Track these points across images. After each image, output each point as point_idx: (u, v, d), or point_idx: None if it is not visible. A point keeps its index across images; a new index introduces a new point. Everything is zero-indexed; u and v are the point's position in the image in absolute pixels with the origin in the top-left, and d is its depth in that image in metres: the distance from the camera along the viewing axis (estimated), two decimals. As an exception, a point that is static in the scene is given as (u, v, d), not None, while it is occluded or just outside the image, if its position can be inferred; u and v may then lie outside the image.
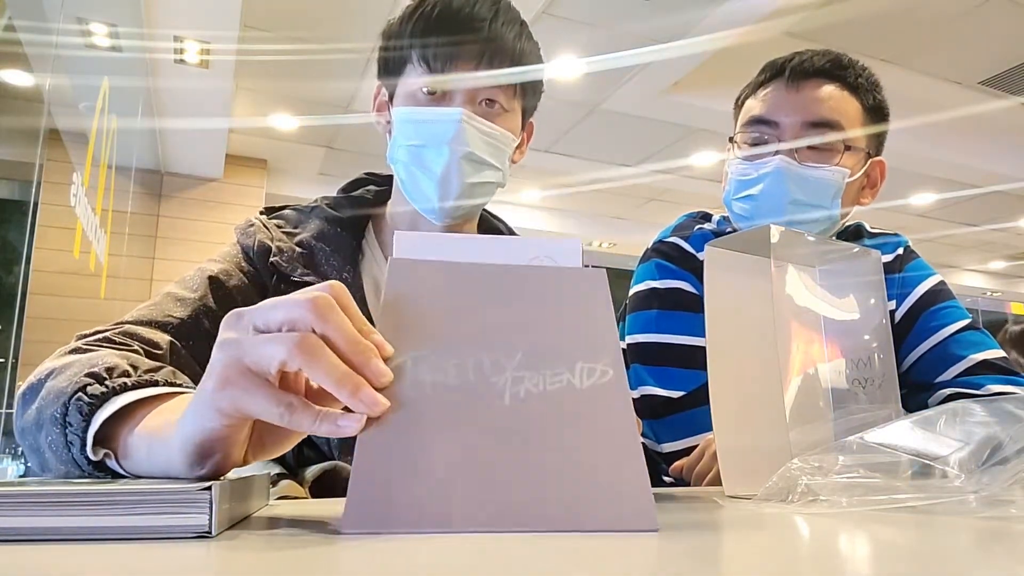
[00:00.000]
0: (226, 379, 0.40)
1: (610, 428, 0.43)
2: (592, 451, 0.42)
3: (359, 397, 0.40)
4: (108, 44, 3.76)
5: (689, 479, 0.87)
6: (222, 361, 0.41)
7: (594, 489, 0.41)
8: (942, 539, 0.39)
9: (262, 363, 0.40)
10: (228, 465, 0.45)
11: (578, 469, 0.41)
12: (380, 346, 0.42)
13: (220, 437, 0.42)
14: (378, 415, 0.40)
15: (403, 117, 0.87)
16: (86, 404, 0.51)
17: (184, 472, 0.44)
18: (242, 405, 0.40)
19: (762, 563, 0.33)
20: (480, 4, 0.85)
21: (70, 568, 0.30)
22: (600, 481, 0.41)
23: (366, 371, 0.41)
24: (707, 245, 0.71)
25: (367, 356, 0.41)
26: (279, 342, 0.40)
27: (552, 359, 0.44)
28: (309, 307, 0.41)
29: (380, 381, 0.41)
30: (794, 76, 1.01)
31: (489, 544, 0.35)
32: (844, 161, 0.99)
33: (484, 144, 0.86)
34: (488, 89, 0.86)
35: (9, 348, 4.89)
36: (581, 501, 0.40)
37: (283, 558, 0.32)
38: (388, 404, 0.41)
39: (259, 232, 0.87)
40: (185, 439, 0.43)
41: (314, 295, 0.41)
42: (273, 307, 0.42)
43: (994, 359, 0.99)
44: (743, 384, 0.67)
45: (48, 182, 5.05)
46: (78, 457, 0.51)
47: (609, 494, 0.41)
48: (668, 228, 1.16)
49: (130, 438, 0.50)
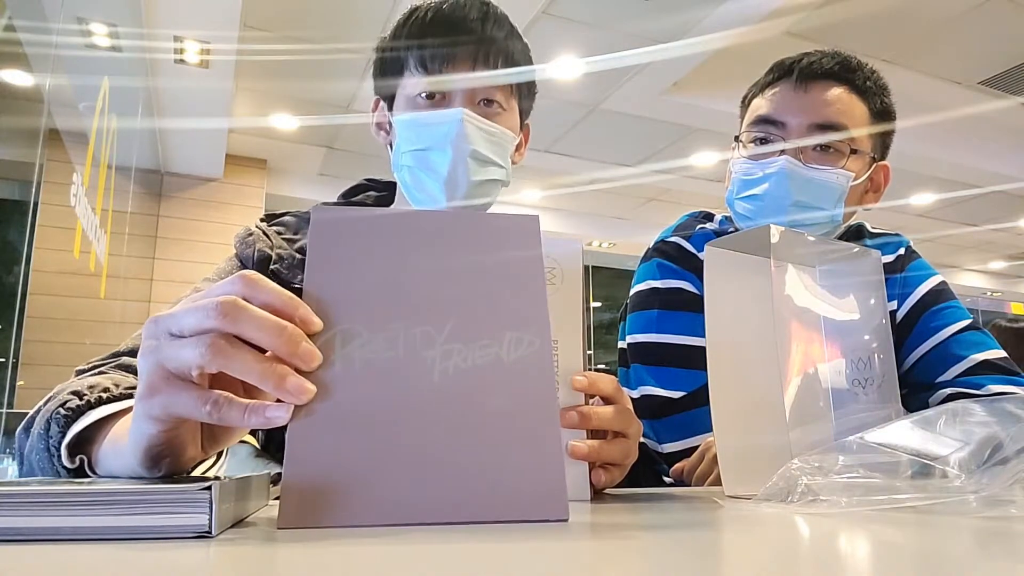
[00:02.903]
0: (152, 386, 0.42)
1: (530, 407, 0.43)
2: (512, 436, 0.42)
3: (284, 388, 0.40)
4: (108, 44, 3.76)
5: (689, 481, 0.87)
6: (147, 369, 0.42)
7: (510, 477, 0.41)
8: (942, 539, 0.39)
9: (181, 368, 0.41)
10: (184, 462, 0.46)
11: (497, 456, 0.41)
12: (307, 322, 0.42)
13: (163, 441, 0.43)
14: (306, 402, 0.41)
15: (404, 123, 0.88)
16: (62, 417, 0.55)
17: (142, 473, 0.46)
18: (171, 409, 0.42)
19: (762, 563, 0.33)
20: (470, 7, 0.87)
21: (70, 568, 0.30)
22: (516, 469, 0.41)
23: (293, 359, 0.41)
24: (707, 245, 0.71)
25: (292, 344, 0.41)
26: (192, 347, 0.41)
27: (482, 328, 0.44)
28: (215, 312, 0.41)
29: (309, 366, 0.42)
30: (802, 77, 1.01)
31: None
32: (849, 164, 0.99)
33: (486, 142, 0.87)
34: (486, 89, 0.87)
35: (9, 348, 4.89)
36: (498, 490, 0.40)
37: (283, 558, 0.32)
38: (315, 390, 0.41)
39: (258, 241, 0.87)
40: (135, 446, 0.44)
41: (220, 300, 0.41)
42: (185, 312, 0.42)
43: (995, 359, 0.99)
44: (743, 384, 0.67)
45: (48, 182, 5.04)
46: (59, 467, 0.54)
47: (523, 482, 0.41)
48: (670, 228, 1.16)
49: (101, 447, 0.52)
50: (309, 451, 0.40)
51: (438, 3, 0.88)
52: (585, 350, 0.61)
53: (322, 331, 0.43)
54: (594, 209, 7.07)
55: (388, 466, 0.40)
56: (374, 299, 0.44)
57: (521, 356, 0.43)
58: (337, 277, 0.44)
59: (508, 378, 0.43)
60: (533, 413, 0.43)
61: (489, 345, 0.44)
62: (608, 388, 0.60)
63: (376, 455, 0.40)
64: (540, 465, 0.41)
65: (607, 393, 0.60)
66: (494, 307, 0.45)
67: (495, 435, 0.42)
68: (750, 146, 1.03)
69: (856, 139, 1.00)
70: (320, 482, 0.39)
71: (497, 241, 0.47)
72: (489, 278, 0.46)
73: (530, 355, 0.44)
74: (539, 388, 0.43)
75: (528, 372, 0.43)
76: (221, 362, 0.40)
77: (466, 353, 0.43)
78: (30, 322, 4.91)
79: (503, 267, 0.46)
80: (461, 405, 0.42)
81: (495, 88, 0.88)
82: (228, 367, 0.41)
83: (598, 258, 7.67)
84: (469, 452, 0.41)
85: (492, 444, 0.41)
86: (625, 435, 0.61)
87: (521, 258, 0.47)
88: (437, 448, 0.41)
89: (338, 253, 0.45)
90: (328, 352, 0.42)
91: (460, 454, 0.41)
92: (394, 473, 0.40)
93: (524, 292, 0.46)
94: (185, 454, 0.46)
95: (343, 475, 0.39)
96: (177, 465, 0.46)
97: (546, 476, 0.41)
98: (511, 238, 0.47)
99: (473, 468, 0.41)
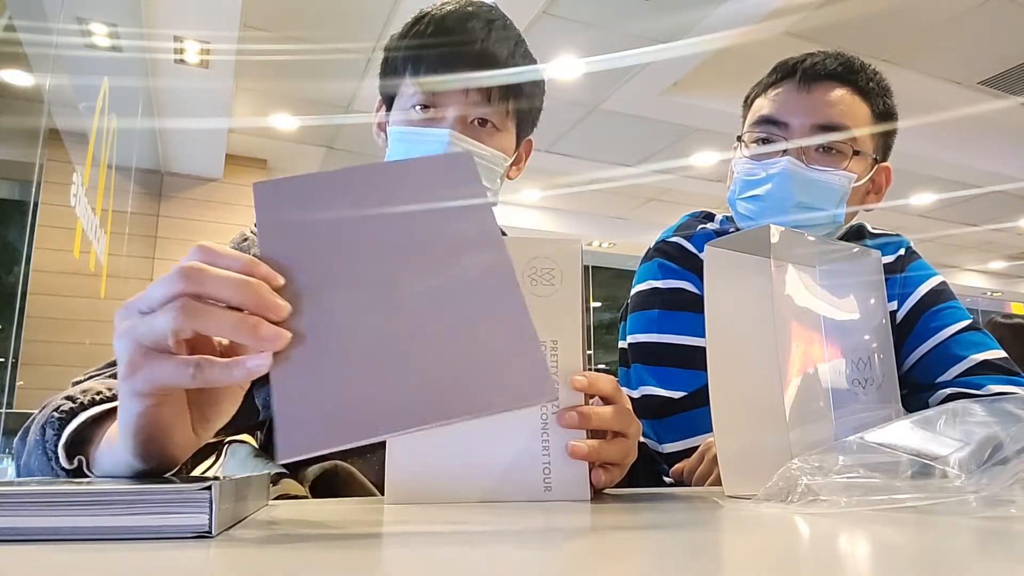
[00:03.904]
0: (133, 363, 0.42)
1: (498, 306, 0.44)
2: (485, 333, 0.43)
3: (260, 335, 0.41)
4: (108, 44, 3.76)
5: (689, 481, 0.87)
6: (125, 351, 0.43)
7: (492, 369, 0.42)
8: (942, 539, 0.39)
9: (158, 338, 0.42)
10: (174, 447, 0.46)
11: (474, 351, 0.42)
12: (269, 277, 0.43)
13: (151, 419, 0.44)
14: (283, 348, 0.41)
15: (395, 136, 0.89)
16: (57, 420, 0.55)
17: (138, 465, 0.46)
18: (154, 380, 0.42)
19: (762, 563, 0.33)
20: (474, 22, 0.86)
21: (70, 568, 0.30)
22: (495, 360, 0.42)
23: (262, 310, 0.42)
24: (707, 245, 0.70)
25: (258, 296, 0.42)
26: (163, 314, 0.41)
27: (441, 256, 0.45)
28: (179, 277, 0.42)
29: (279, 315, 0.42)
30: (806, 78, 1.01)
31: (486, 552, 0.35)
32: (851, 166, 0.99)
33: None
34: (480, 108, 0.86)
35: (9, 348, 4.89)
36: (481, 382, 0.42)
37: (283, 558, 0.32)
38: (290, 336, 0.41)
39: (253, 247, 0.87)
40: (124, 433, 0.45)
41: (183, 265, 0.43)
42: (151, 289, 0.43)
43: (995, 359, 0.99)
44: (743, 384, 0.67)
45: (48, 182, 5.04)
46: (57, 469, 0.54)
47: (504, 371, 0.42)
48: (671, 228, 1.16)
49: (98, 447, 0.53)
50: (295, 388, 0.40)
51: (446, 13, 0.86)
52: (585, 350, 0.61)
53: (285, 287, 0.43)
54: (594, 209, 7.07)
55: (372, 381, 0.41)
56: (331, 251, 0.45)
57: (482, 270, 0.45)
58: (290, 237, 0.45)
59: (473, 288, 0.44)
60: (502, 311, 0.44)
61: (450, 266, 0.45)
62: (608, 388, 0.60)
63: (359, 375, 0.41)
64: (518, 351, 0.42)
65: (607, 393, 0.60)
66: (448, 237, 0.46)
67: (469, 334, 0.43)
68: (752, 146, 1.03)
69: (859, 141, 1.00)
70: (311, 412, 0.40)
71: (437, 180, 0.48)
72: (436, 214, 0.47)
73: (490, 267, 0.45)
74: (504, 291, 0.44)
75: (491, 279, 0.45)
76: (194, 322, 0.41)
77: (429, 275, 0.44)
78: (30, 322, 4.91)
79: (448, 202, 0.48)
80: (432, 315, 0.43)
81: (489, 108, 0.86)
82: (201, 326, 0.41)
83: (598, 258, 7.67)
84: (448, 353, 0.42)
85: (468, 342, 0.43)
86: (625, 435, 0.61)
87: (464, 191, 0.48)
88: (416, 356, 0.42)
89: (286, 217, 0.46)
90: (295, 303, 0.43)
91: (440, 356, 0.42)
92: (379, 386, 0.41)
93: (473, 221, 0.47)
94: (175, 434, 0.46)
95: (331, 401, 0.40)
96: (168, 449, 0.46)
97: (524, 360, 0.42)
98: (450, 175, 0.49)
99: (454, 366, 0.42)
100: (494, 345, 0.42)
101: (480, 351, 0.42)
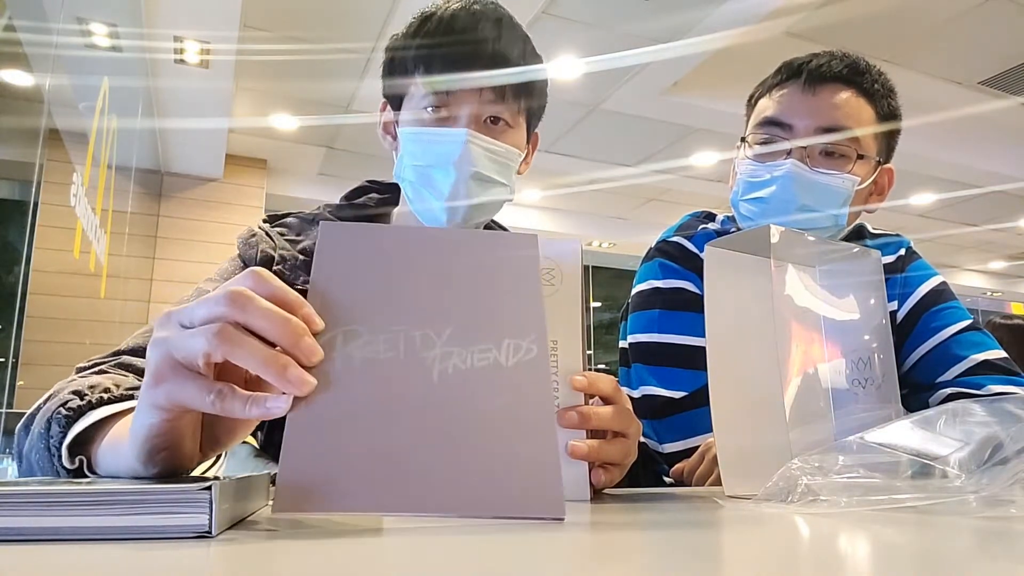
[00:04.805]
0: (159, 375, 0.43)
1: (527, 409, 0.43)
2: (510, 436, 0.42)
3: (286, 377, 0.41)
4: (108, 44, 3.76)
5: (690, 482, 0.87)
6: (155, 359, 0.43)
7: (507, 475, 0.41)
8: (942, 539, 0.39)
9: (189, 356, 0.42)
10: (180, 459, 0.46)
11: (495, 454, 0.42)
12: (310, 320, 0.44)
13: (164, 431, 0.44)
14: (306, 394, 0.41)
15: (409, 136, 0.88)
16: (63, 417, 0.55)
17: (140, 471, 0.46)
18: (175, 397, 0.42)
19: (762, 563, 0.33)
20: (483, 22, 0.86)
21: (70, 568, 0.30)
22: (514, 467, 0.42)
23: (296, 351, 0.42)
24: (707, 245, 0.70)
25: (296, 336, 0.42)
26: (201, 335, 0.42)
27: (481, 334, 0.45)
28: (226, 301, 0.42)
29: (310, 360, 0.42)
30: (811, 79, 1.00)
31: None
32: (855, 169, 0.99)
33: (490, 162, 0.87)
34: (493, 107, 0.87)
35: (9, 348, 4.89)
36: (493, 486, 0.41)
37: (283, 558, 0.32)
38: (315, 383, 0.42)
39: (262, 242, 0.87)
40: (134, 438, 0.45)
41: (231, 289, 0.43)
42: (197, 305, 0.44)
43: (995, 359, 0.99)
44: (743, 384, 0.67)
45: (48, 182, 5.04)
46: (59, 466, 0.54)
47: (520, 481, 0.41)
48: (672, 228, 1.16)
49: (101, 447, 0.53)
50: (307, 441, 0.40)
51: (453, 12, 0.86)
52: (585, 350, 0.61)
53: (324, 331, 0.44)
54: (594, 209, 7.07)
55: (384, 458, 0.40)
56: (376, 304, 0.45)
57: (519, 361, 0.44)
58: (341, 282, 0.45)
59: (506, 381, 0.44)
60: (531, 415, 0.43)
61: (488, 350, 0.44)
62: (607, 388, 0.60)
63: (372, 448, 0.41)
64: (537, 464, 0.42)
65: (606, 393, 0.60)
66: (492, 315, 0.46)
67: (492, 434, 0.42)
68: (756, 147, 1.03)
69: (863, 143, 1.00)
70: (316, 471, 0.40)
71: (496, 255, 0.48)
72: (488, 289, 0.47)
73: (528, 360, 0.44)
74: (537, 391, 0.44)
75: (526, 376, 0.44)
76: (227, 349, 0.41)
77: (465, 355, 0.44)
78: (30, 322, 4.91)
79: (502, 279, 0.48)
80: (459, 404, 0.43)
81: (502, 106, 0.87)
82: (233, 354, 0.41)
83: (598, 258, 7.67)
84: (466, 449, 0.42)
85: (489, 442, 0.42)
86: (625, 435, 0.61)
87: (519, 271, 0.48)
88: (434, 444, 0.41)
89: (343, 260, 0.46)
90: (329, 350, 0.43)
91: (456, 450, 0.41)
92: (390, 465, 0.40)
93: (522, 302, 0.47)
94: (183, 448, 0.46)
95: (339, 465, 0.40)
96: (174, 461, 0.46)
97: (543, 475, 0.42)
98: (509, 252, 0.49)
99: (469, 464, 0.41)
100: (516, 452, 0.42)
101: (500, 454, 0.41)
